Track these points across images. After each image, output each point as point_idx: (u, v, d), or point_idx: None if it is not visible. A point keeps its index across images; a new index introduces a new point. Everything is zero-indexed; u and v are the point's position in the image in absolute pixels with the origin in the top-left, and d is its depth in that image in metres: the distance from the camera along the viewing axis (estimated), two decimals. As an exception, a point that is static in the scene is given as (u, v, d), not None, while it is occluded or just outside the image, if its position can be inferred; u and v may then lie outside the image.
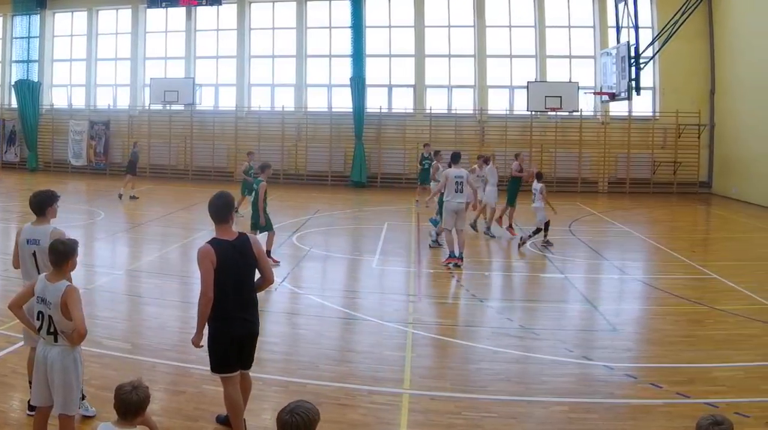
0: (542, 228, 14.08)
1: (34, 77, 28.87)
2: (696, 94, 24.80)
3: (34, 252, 5.79)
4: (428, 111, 26.21)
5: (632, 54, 20.34)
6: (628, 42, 20.57)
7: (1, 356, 7.09)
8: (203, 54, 28.33)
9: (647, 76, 23.26)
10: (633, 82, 20.43)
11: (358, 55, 25.83)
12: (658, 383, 6.83)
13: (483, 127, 25.82)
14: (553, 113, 24.88)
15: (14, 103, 29.29)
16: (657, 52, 21.43)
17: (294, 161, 26.80)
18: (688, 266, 12.78)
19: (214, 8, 27.62)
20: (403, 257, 13.42)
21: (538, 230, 14.10)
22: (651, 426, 5.99)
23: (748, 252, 14.59)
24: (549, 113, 24.94)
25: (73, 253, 4.91)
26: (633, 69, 20.35)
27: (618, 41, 21.92)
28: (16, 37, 29.40)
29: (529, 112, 25.06)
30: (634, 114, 25.22)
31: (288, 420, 3.26)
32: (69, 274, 4.94)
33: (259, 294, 5.59)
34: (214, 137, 27.36)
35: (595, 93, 23.86)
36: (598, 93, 23.34)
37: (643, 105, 24.96)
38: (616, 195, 24.62)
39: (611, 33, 23.45)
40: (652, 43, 21.08)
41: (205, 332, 5.40)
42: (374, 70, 26.32)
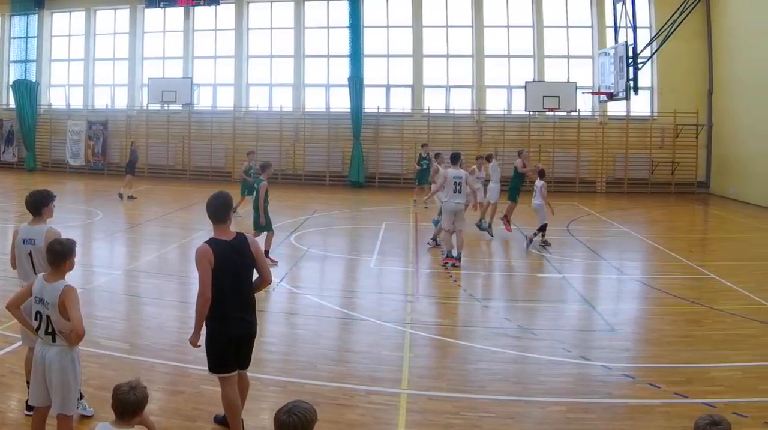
0: (546, 223, 14.08)
1: (32, 77, 28.83)
2: (694, 94, 24.79)
3: (30, 252, 5.78)
4: (426, 111, 26.21)
5: (630, 54, 20.36)
6: (626, 42, 20.58)
7: (-2, 357, 7.09)
8: (201, 54, 28.31)
9: (645, 76, 23.25)
10: (631, 82, 20.47)
11: (356, 55, 25.84)
12: (656, 383, 6.83)
13: (481, 127, 25.83)
14: (551, 113, 24.88)
15: (12, 103, 29.25)
16: (655, 52, 21.46)
17: (292, 161, 26.78)
18: (686, 266, 12.79)
19: (211, 8, 27.62)
20: (401, 257, 13.42)
21: (544, 225, 14.10)
22: (649, 426, 5.99)
23: (746, 252, 14.61)
24: (547, 113, 24.95)
25: (70, 253, 4.90)
26: (631, 69, 20.37)
27: (616, 41, 21.94)
28: (14, 37, 29.36)
29: (527, 112, 25.08)
30: (632, 114, 25.22)
31: (285, 420, 3.25)
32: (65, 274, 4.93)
33: (257, 294, 5.58)
34: (212, 137, 27.34)
35: (593, 93, 23.85)
36: (596, 93, 23.34)
37: (641, 105, 24.98)
38: (614, 195, 24.63)
39: (609, 33, 23.48)
40: (650, 43, 21.11)
41: (203, 332, 5.40)
42: (372, 70, 26.31)
